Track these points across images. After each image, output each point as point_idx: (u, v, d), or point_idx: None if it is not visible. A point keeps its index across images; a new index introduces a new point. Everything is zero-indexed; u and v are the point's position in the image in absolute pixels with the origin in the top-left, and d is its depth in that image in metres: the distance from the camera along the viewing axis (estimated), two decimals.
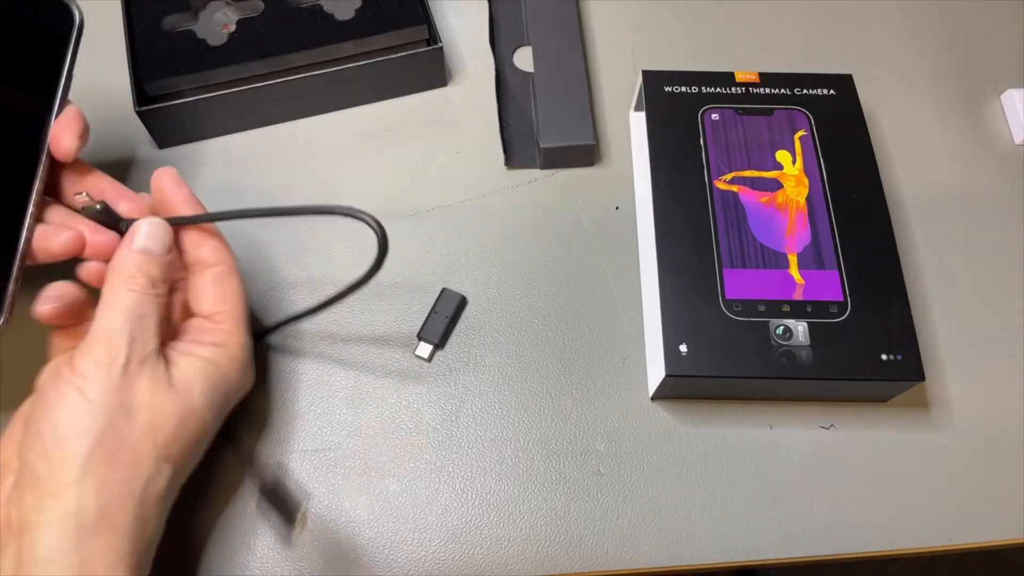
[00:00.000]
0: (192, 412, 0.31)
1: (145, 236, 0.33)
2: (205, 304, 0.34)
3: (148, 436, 0.30)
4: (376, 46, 0.46)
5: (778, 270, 0.39)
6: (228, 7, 0.46)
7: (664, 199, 0.41)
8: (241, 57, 0.44)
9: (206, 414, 0.32)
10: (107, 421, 0.29)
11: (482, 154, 0.47)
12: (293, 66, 0.45)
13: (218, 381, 0.33)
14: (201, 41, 0.45)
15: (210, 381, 0.32)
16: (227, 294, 0.34)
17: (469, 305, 0.42)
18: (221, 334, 0.34)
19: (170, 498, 0.32)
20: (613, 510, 0.38)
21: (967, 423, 0.40)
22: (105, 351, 0.30)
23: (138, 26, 0.45)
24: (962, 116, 0.49)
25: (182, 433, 0.31)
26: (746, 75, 0.45)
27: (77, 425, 0.29)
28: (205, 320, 0.34)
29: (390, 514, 0.37)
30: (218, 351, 0.33)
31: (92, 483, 0.28)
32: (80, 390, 0.29)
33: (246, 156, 0.46)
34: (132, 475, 0.29)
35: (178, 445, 0.31)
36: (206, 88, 0.44)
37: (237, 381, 0.34)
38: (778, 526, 0.38)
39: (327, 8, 0.46)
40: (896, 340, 0.37)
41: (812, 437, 0.40)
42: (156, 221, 0.33)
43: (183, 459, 0.32)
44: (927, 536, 0.38)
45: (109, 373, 0.30)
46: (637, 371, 0.41)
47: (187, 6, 0.46)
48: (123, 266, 0.32)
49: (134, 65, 0.44)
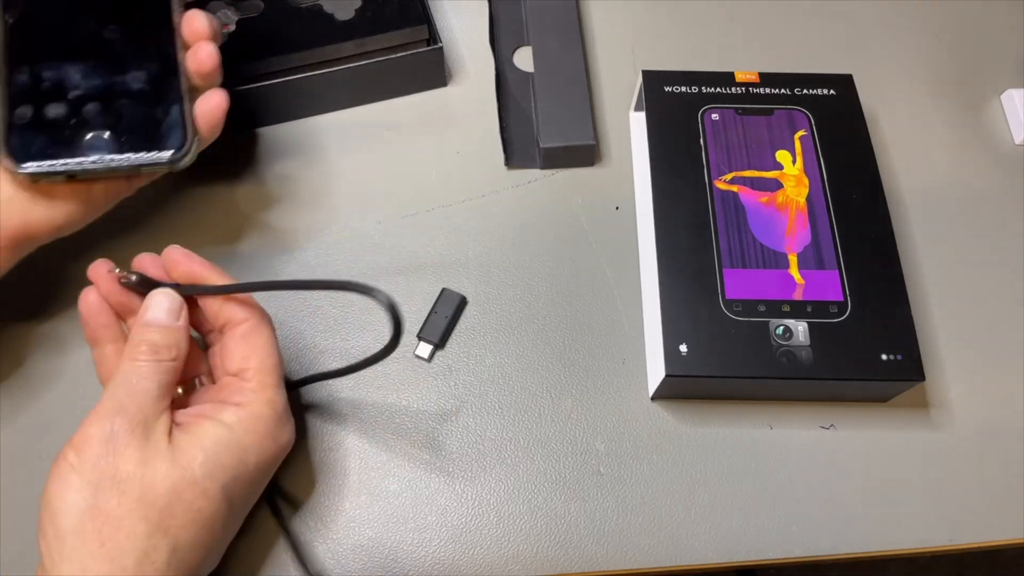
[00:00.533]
0: (190, 484, 0.29)
1: (150, 307, 0.32)
2: (233, 362, 0.33)
3: (138, 510, 0.28)
4: (376, 46, 0.46)
5: (778, 270, 0.39)
6: (228, 7, 0.46)
7: (664, 199, 0.41)
8: (241, 57, 0.44)
9: (208, 486, 0.30)
10: (92, 493, 0.28)
11: (482, 154, 0.47)
12: (293, 66, 0.45)
13: (227, 449, 0.31)
14: None
15: (215, 449, 0.30)
16: (254, 350, 0.33)
17: (469, 305, 0.42)
18: (247, 392, 0.32)
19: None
20: (613, 510, 0.38)
21: (967, 423, 0.40)
22: (97, 423, 0.29)
23: None
24: (962, 116, 0.49)
25: (178, 507, 0.29)
26: (746, 75, 0.45)
27: (66, 499, 0.28)
28: (233, 379, 0.33)
29: (390, 514, 0.37)
30: (240, 412, 0.32)
31: (79, 559, 0.28)
32: (71, 464, 0.29)
33: (247, 157, 0.46)
34: (121, 551, 0.28)
35: (177, 520, 0.29)
36: None
37: (261, 443, 0.32)
38: (778, 526, 0.37)
39: (327, 8, 0.46)
40: (896, 340, 0.37)
41: (812, 437, 0.40)
42: (161, 290, 0.33)
43: (188, 535, 0.29)
44: (927, 536, 0.38)
45: (97, 445, 0.29)
46: (637, 371, 0.41)
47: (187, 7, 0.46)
48: (131, 337, 0.31)
49: None
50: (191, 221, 0.44)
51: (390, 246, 0.44)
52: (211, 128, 0.35)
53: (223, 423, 0.31)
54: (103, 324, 0.33)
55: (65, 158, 0.32)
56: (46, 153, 0.32)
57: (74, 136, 0.33)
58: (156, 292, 0.33)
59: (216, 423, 0.31)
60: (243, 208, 0.45)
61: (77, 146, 0.32)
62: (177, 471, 0.29)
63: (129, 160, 0.33)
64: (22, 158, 0.32)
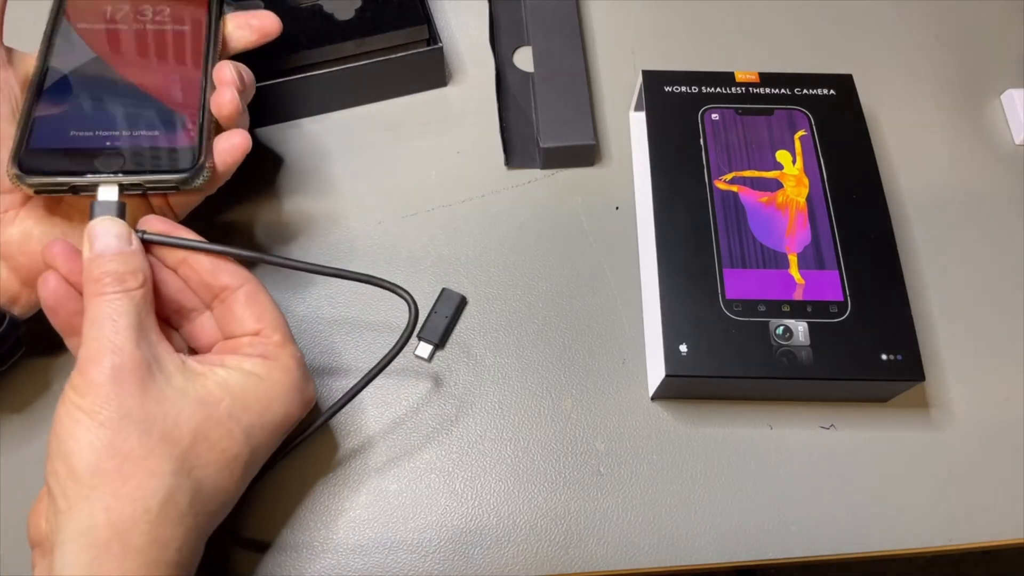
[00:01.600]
0: (216, 424, 0.29)
1: (96, 236, 0.30)
2: (245, 324, 0.32)
3: (161, 448, 0.28)
4: (376, 46, 0.46)
5: (778, 270, 0.39)
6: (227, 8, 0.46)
7: (664, 199, 0.41)
8: (240, 58, 0.44)
9: (233, 427, 0.29)
10: (111, 433, 0.27)
11: (482, 154, 0.47)
12: (293, 66, 0.45)
13: (257, 395, 0.30)
14: None
15: (245, 393, 0.30)
16: (264, 310, 0.32)
17: (469, 305, 0.42)
18: (271, 346, 0.32)
19: (200, 522, 0.29)
20: (613, 510, 0.38)
21: (967, 423, 0.40)
22: (94, 365, 0.28)
23: None
24: (962, 116, 0.49)
25: (203, 446, 0.29)
26: (746, 75, 0.45)
27: (79, 439, 0.27)
28: (252, 337, 0.32)
29: (390, 514, 0.37)
30: (267, 364, 0.31)
31: (100, 499, 0.27)
32: (77, 405, 0.28)
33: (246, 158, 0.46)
34: (144, 491, 0.27)
35: (201, 460, 0.29)
36: None
37: (288, 395, 0.32)
38: (778, 526, 0.38)
39: (327, 8, 0.46)
40: (896, 340, 0.37)
41: (812, 437, 0.40)
42: (102, 218, 0.31)
43: (211, 477, 0.29)
44: (927, 536, 0.38)
45: (105, 386, 0.28)
46: (637, 371, 0.41)
47: None
48: (87, 274, 0.29)
49: None
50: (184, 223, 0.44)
51: (390, 246, 0.44)
52: (226, 165, 0.35)
53: (251, 372, 0.31)
54: (74, 311, 0.31)
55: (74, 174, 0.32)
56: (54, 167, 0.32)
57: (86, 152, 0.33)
58: (96, 221, 0.30)
59: (243, 371, 0.31)
60: (242, 208, 0.45)
61: (87, 162, 0.33)
62: (203, 410, 0.29)
63: (136, 179, 0.33)
64: (30, 171, 0.32)
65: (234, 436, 0.30)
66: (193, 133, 0.35)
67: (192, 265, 0.32)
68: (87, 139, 0.33)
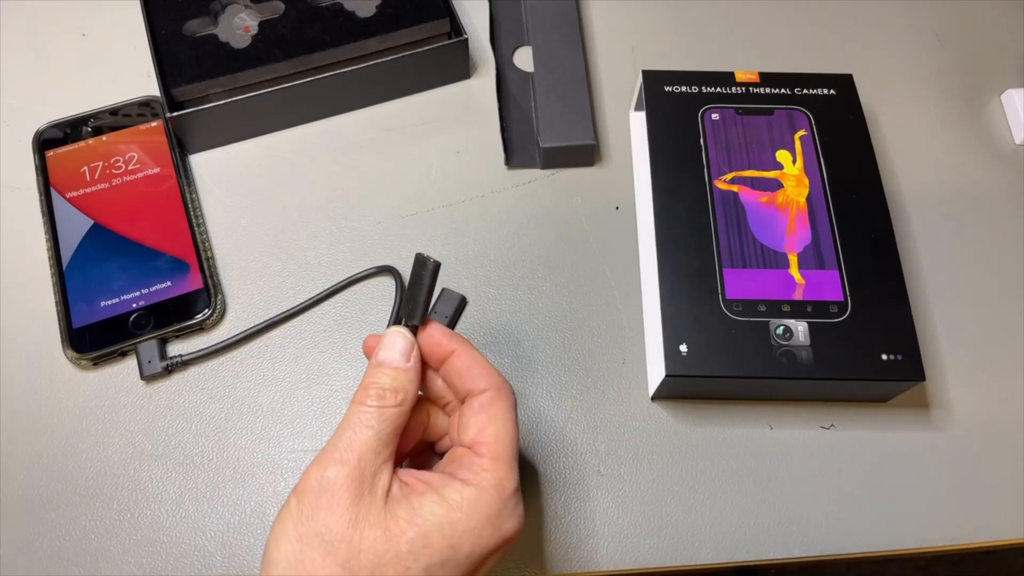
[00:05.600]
0: (394, 559, 0.27)
1: (384, 346, 0.31)
2: (468, 433, 0.31)
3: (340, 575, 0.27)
4: (399, 41, 0.46)
5: (778, 270, 0.39)
6: (247, 10, 0.46)
7: (664, 199, 0.41)
8: (265, 58, 0.44)
9: (411, 564, 0.27)
10: (302, 547, 0.27)
11: (482, 154, 0.47)
12: (317, 65, 0.45)
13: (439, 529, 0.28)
14: (224, 44, 0.45)
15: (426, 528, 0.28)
16: (491, 420, 0.30)
17: (469, 305, 0.42)
18: (476, 469, 0.30)
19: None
20: (613, 510, 0.38)
21: (967, 423, 0.40)
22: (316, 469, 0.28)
23: (160, 33, 0.45)
24: (962, 116, 0.49)
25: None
26: (746, 75, 0.45)
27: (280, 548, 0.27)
28: (467, 451, 0.31)
29: None
30: (464, 490, 0.29)
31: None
32: (291, 510, 0.28)
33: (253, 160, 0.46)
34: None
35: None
36: (232, 91, 0.44)
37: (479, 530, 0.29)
38: (778, 526, 0.37)
39: (348, 6, 0.46)
40: (896, 340, 0.37)
41: (812, 437, 0.40)
42: (396, 329, 0.31)
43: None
44: (927, 536, 0.38)
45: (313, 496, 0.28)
46: (637, 371, 0.41)
47: (206, 11, 0.46)
48: (364, 377, 0.30)
49: (161, 72, 0.44)
50: None
51: (390, 246, 0.44)
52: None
53: (445, 499, 0.28)
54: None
55: (118, 342, 0.39)
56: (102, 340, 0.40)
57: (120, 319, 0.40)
58: (392, 330, 0.31)
59: (437, 498, 0.29)
60: (242, 209, 0.45)
61: (124, 328, 0.40)
62: (383, 543, 0.27)
63: (166, 332, 0.40)
64: (83, 348, 0.39)
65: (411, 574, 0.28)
66: (198, 276, 0.41)
67: (452, 362, 0.32)
68: (116, 307, 0.40)
